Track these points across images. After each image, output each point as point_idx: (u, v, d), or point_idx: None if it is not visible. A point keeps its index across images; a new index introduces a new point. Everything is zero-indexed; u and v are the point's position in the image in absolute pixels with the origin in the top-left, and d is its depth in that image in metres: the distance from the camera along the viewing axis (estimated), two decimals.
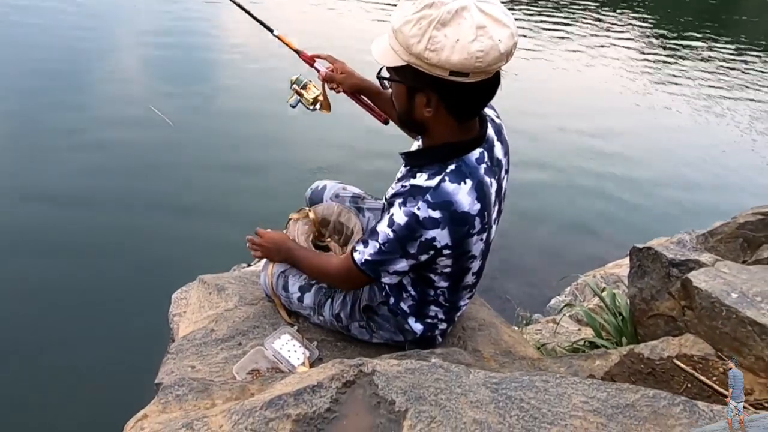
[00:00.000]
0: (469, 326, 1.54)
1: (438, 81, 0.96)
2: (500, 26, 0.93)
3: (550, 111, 6.10)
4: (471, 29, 0.91)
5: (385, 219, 1.08)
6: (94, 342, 2.60)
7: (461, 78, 0.94)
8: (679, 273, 1.44)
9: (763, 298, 1.27)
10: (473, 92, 0.99)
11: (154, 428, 0.85)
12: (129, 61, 6.20)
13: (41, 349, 2.56)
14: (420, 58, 0.94)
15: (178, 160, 4.24)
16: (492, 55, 0.92)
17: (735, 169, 5.45)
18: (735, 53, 9.67)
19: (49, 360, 2.51)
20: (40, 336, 2.62)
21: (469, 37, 0.90)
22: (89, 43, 6.14)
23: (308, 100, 1.48)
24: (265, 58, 6.32)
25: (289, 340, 1.36)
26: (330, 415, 0.77)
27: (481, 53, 0.91)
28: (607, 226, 4.13)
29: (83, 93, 5.17)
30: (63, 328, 2.66)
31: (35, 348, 2.56)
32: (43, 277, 2.94)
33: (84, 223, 3.39)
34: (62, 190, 3.66)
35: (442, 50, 0.91)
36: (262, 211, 3.50)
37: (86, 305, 2.82)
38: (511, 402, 0.83)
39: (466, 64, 0.92)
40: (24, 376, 2.41)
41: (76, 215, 3.45)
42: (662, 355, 1.33)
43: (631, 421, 0.82)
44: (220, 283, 1.61)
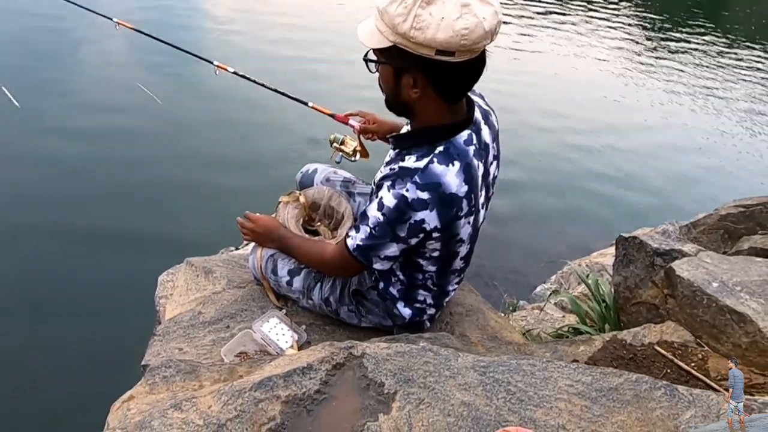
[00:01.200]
0: (456, 312, 1.56)
1: (424, 61, 0.97)
2: (484, 4, 0.94)
3: (538, 102, 6.13)
4: (455, 7, 0.91)
5: (375, 202, 1.08)
6: (77, 324, 2.57)
7: (447, 57, 0.95)
8: (663, 262, 1.47)
9: (743, 288, 1.31)
10: (459, 72, 0.99)
11: (141, 409, 0.85)
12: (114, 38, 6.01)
13: (25, 330, 2.52)
14: (406, 37, 0.95)
15: (165, 141, 4.15)
16: (477, 33, 0.93)
17: (721, 162, 5.56)
18: (726, 46, 9.76)
19: (32, 342, 2.47)
20: (23, 317, 2.57)
21: (454, 15, 0.91)
22: (70, 23, 5.92)
23: (348, 153, 1.62)
24: (254, 32, 6.20)
25: (278, 324, 1.36)
26: (319, 396, 0.78)
27: (466, 31, 0.92)
28: (592, 217, 4.19)
29: (67, 73, 5.01)
30: (47, 311, 2.63)
31: (19, 330, 2.52)
32: (27, 260, 2.89)
33: (68, 205, 3.31)
34: (47, 172, 3.56)
35: (428, 28, 0.92)
36: (251, 193, 3.46)
37: (70, 286, 2.78)
38: (499, 385, 0.85)
39: (451, 42, 0.93)
40: (7, 358, 2.38)
41: (59, 196, 3.37)
42: (644, 342, 1.37)
43: (614, 404, 0.84)
44: (208, 266, 1.59)
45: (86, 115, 4.34)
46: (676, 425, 0.83)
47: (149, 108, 4.47)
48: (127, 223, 3.23)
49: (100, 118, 4.31)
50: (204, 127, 4.48)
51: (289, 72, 5.47)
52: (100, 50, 5.53)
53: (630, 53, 8.71)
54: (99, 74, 5.13)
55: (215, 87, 4.51)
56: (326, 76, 5.65)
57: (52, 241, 3.03)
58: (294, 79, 5.21)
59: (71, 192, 3.44)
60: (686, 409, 0.85)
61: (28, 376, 2.33)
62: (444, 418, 0.78)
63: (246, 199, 3.21)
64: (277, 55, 5.98)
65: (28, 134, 3.96)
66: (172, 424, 0.68)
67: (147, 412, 0.74)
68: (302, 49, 6.27)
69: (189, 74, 4.89)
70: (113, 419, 0.86)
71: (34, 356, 2.41)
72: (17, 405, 2.21)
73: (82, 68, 5.25)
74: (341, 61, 5.81)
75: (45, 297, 2.69)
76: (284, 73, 5.39)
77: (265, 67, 5.47)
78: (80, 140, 4.00)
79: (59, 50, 5.44)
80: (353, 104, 1.79)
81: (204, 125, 4.49)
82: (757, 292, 1.28)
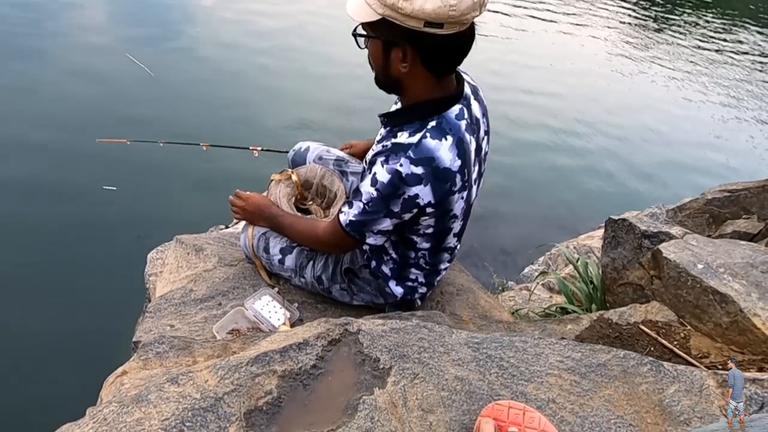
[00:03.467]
0: (447, 291, 1.58)
1: (413, 33, 0.97)
2: None
3: (528, 83, 6.10)
4: None
5: (368, 178, 1.08)
6: (65, 301, 2.54)
7: (436, 29, 0.95)
8: (650, 244, 1.50)
9: (726, 270, 1.34)
10: (448, 45, 0.99)
11: (135, 383, 0.84)
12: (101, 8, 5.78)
13: (12, 309, 2.48)
14: (394, 9, 0.94)
15: (155, 113, 4.03)
16: (465, 4, 0.92)
17: (711, 146, 5.63)
18: (721, 27, 9.75)
19: (19, 321, 2.44)
20: (11, 296, 2.53)
21: None
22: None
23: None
24: (246, 1, 6.01)
25: (270, 301, 1.36)
26: (315, 371, 0.78)
27: (454, 1, 0.91)
28: (580, 199, 4.24)
29: (53, 41, 4.81)
30: (34, 290, 2.58)
31: (7, 308, 2.47)
32: (15, 236, 2.82)
33: (55, 180, 3.23)
34: (34, 145, 3.45)
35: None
36: (241, 171, 3.40)
37: (58, 263, 2.74)
38: (491, 360, 0.86)
39: (440, 13, 0.92)
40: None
41: (47, 171, 3.28)
42: (629, 321, 1.40)
43: (602, 379, 0.87)
44: (198, 244, 1.57)
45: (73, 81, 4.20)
46: (660, 399, 0.86)
47: (142, 79, 4.33)
48: (114, 199, 3.16)
49: (82, 82, 4.18)
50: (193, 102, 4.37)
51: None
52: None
53: (624, 34, 8.68)
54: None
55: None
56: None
57: (36, 217, 2.96)
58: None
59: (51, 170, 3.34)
60: (670, 384, 0.88)
61: (17, 355, 2.31)
62: (438, 392, 0.79)
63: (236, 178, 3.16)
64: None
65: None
66: (169, 397, 0.68)
67: (143, 386, 0.74)
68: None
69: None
70: (107, 394, 0.86)
71: (22, 335, 2.38)
72: (7, 386, 2.18)
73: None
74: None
75: (31, 276, 2.65)
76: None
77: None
78: (63, 103, 3.88)
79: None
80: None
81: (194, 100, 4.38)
82: (740, 273, 1.32)
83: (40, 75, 4.26)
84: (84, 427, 0.65)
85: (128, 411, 0.66)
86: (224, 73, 4.83)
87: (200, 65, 4.87)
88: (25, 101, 3.94)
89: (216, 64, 4.94)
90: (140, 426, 0.64)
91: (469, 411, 0.78)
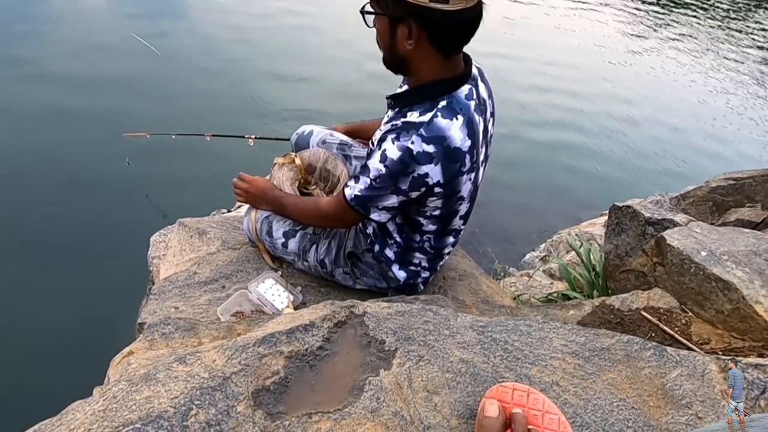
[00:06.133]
0: (449, 276, 1.58)
1: (419, 9, 0.96)
2: None
3: (531, 68, 6.03)
4: None
5: (377, 154, 1.07)
6: (68, 284, 2.55)
7: (441, 5, 0.95)
8: (654, 231, 1.50)
9: (729, 257, 1.34)
10: (454, 21, 0.98)
11: (142, 363, 0.85)
12: None
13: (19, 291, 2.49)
14: None
15: (161, 93, 3.99)
16: None
17: (716, 134, 5.58)
18: (732, 10, 9.57)
19: (24, 305, 2.45)
20: (17, 278, 2.54)
21: None
22: None
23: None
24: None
25: (273, 285, 1.36)
26: (322, 352, 0.79)
27: None
28: (582, 187, 4.23)
29: (56, 23, 4.74)
30: (37, 268, 2.59)
31: (13, 290, 2.48)
32: (19, 219, 2.82)
33: (58, 162, 3.21)
34: (38, 128, 3.43)
35: None
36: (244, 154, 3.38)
37: (60, 246, 2.74)
38: (496, 344, 0.87)
39: None
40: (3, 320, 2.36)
41: (52, 153, 3.26)
42: (631, 307, 1.41)
43: (605, 363, 0.88)
44: (202, 227, 1.57)
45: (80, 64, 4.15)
46: (663, 383, 0.86)
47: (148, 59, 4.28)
48: (117, 181, 3.15)
49: (88, 65, 4.13)
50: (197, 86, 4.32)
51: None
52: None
53: (631, 16, 8.54)
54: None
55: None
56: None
57: (39, 199, 2.95)
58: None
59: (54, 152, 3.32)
60: (673, 368, 0.88)
61: (22, 337, 2.32)
62: (443, 374, 0.80)
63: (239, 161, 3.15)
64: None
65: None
66: (177, 376, 0.68)
67: (151, 365, 0.75)
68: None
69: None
70: (114, 373, 0.87)
71: (26, 318, 2.40)
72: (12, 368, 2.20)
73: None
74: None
75: (30, 260, 2.65)
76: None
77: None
78: (66, 91, 3.84)
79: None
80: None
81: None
82: (743, 261, 1.32)
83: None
84: (94, 404, 0.65)
85: (137, 389, 0.66)
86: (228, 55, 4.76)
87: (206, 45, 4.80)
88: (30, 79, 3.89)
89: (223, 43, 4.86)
90: (149, 404, 0.64)
91: (474, 393, 0.78)
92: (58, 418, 0.66)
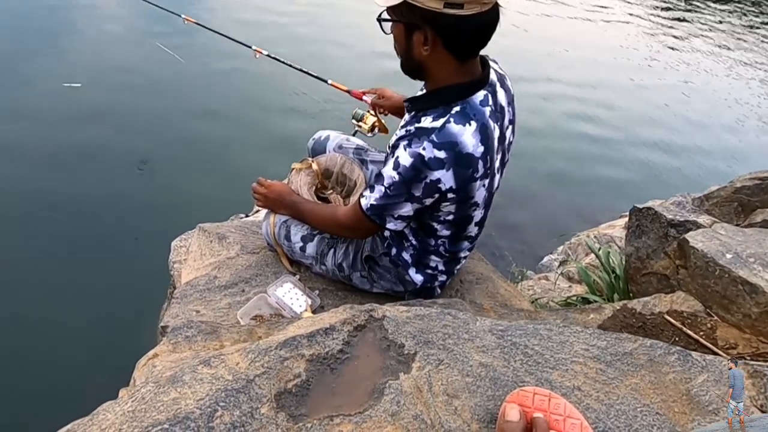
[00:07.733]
0: (467, 279, 1.58)
1: (432, 14, 0.97)
2: None
3: (548, 69, 5.97)
4: None
5: (390, 162, 1.08)
6: (89, 289, 2.61)
7: (455, 10, 0.95)
8: (676, 233, 1.47)
9: (756, 260, 1.31)
10: (469, 26, 0.99)
11: (166, 366, 0.87)
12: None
13: (42, 295, 2.56)
14: None
15: (180, 103, 4.09)
16: None
17: (736, 134, 5.44)
18: (762, 12, 9.34)
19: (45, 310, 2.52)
20: (38, 285, 2.62)
21: None
22: None
23: (365, 129, 1.69)
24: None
25: (292, 288, 1.38)
26: (342, 356, 0.79)
27: None
28: (601, 188, 4.17)
29: (78, 34, 4.89)
30: (58, 274, 2.67)
31: (35, 294, 2.56)
32: (41, 226, 2.91)
33: (80, 170, 3.30)
34: (61, 135, 3.54)
35: None
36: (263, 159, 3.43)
37: (80, 252, 2.81)
38: (516, 348, 0.86)
39: None
40: (25, 327, 2.43)
41: (73, 161, 3.36)
42: (653, 311, 1.38)
43: (628, 368, 0.86)
44: (221, 232, 1.60)
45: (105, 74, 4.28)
46: (688, 389, 0.85)
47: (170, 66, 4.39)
48: (136, 187, 3.23)
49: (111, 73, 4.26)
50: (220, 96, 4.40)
51: (308, 49, 5.29)
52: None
53: (651, 14, 8.40)
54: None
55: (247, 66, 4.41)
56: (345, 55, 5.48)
57: (61, 206, 3.04)
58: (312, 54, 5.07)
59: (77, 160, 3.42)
60: (699, 373, 0.87)
61: (45, 340, 2.39)
62: (463, 378, 0.80)
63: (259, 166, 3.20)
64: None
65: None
66: (202, 378, 0.70)
67: (177, 368, 0.77)
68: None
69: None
70: (140, 375, 0.89)
71: (49, 321, 2.46)
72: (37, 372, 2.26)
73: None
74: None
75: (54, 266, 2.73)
76: (304, 50, 5.21)
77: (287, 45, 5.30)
78: (93, 92, 3.96)
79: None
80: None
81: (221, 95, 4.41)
82: None
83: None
84: (123, 405, 0.67)
85: (164, 391, 0.68)
86: None
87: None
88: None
89: None
90: (176, 405, 0.66)
91: (494, 397, 0.78)
92: (89, 419, 0.68)
